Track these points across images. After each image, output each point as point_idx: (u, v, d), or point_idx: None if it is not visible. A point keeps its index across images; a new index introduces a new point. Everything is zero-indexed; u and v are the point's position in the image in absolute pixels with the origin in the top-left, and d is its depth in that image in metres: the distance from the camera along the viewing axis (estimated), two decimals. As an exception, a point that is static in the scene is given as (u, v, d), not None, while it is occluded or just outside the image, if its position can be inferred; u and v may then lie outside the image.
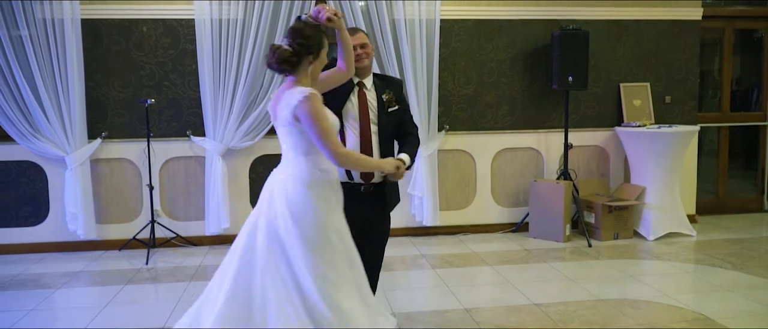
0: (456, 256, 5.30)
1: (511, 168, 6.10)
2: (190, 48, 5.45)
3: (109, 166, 5.53)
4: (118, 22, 5.39)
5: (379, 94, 3.26)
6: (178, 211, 5.67)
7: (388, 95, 3.26)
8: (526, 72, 5.99)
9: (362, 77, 3.25)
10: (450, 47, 5.83)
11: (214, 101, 5.38)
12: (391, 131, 3.29)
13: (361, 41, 3.20)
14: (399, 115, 3.30)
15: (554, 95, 6.00)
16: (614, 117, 6.17)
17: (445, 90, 5.85)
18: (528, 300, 4.18)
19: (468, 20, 5.83)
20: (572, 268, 4.93)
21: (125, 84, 5.46)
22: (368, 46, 3.24)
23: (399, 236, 5.87)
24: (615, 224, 5.71)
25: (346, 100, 3.19)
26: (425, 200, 5.73)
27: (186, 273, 4.87)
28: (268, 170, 2.91)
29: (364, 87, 3.25)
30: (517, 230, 6.04)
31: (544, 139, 6.08)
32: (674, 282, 4.57)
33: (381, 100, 3.24)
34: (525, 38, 5.94)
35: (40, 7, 5.13)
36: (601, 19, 6.01)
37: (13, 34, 5.12)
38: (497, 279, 4.68)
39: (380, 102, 3.24)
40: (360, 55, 3.17)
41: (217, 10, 5.33)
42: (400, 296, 4.33)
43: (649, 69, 6.19)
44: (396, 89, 3.33)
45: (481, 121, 5.97)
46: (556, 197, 5.64)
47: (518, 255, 5.30)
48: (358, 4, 5.49)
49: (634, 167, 5.94)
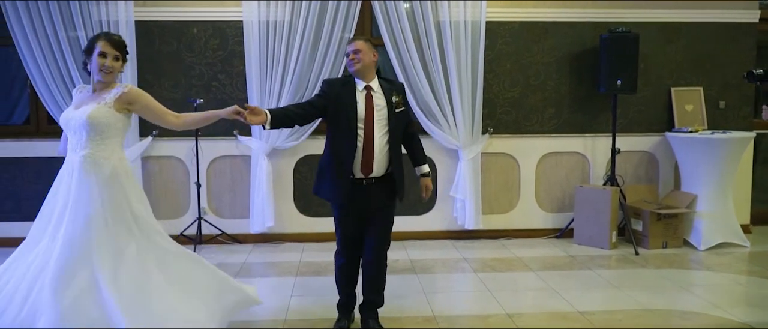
0: (498, 260, 5.25)
1: (556, 173, 6.01)
2: (238, 49, 5.56)
3: (159, 163, 5.68)
4: (170, 23, 5.53)
5: (387, 96, 3.48)
6: (223, 209, 5.78)
7: (396, 96, 3.50)
8: (572, 75, 5.90)
9: (366, 80, 3.48)
10: (495, 49, 5.78)
11: (261, 102, 5.46)
12: (399, 133, 3.55)
13: (355, 48, 3.47)
14: (405, 116, 3.59)
15: (601, 99, 5.89)
16: (664, 122, 6.02)
17: (490, 93, 5.80)
18: (572, 306, 4.11)
19: (514, 22, 5.78)
20: (618, 276, 4.82)
21: (175, 84, 5.60)
22: (362, 51, 3.46)
23: (440, 239, 5.87)
24: (664, 232, 5.56)
25: (354, 101, 3.42)
26: (468, 203, 5.70)
27: (231, 270, 4.95)
28: (313, 170, 2.98)
29: (371, 89, 3.47)
30: (561, 235, 5.95)
31: (590, 143, 5.97)
32: (725, 294, 4.42)
33: (390, 102, 3.46)
34: (572, 41, 5.85)
35: (96, 9, 5.31)
36: (651, 21, 5.88)
37: (70, 35, 5.32)
38: (540, 284, 4.62)
39: (389, 104, 3.46)
40: (353, 60, 3.45)
41: (264, 12, 5.42)
42: (441, 299, 4.32)
43: (702, 73, 6.01)
44: (401, 92, 3.57)
45: (525, 124, 5.90)
46: (603, 203, 5.53)
47: (562, 261, 5.22)
48: (402, 6, 5.50)
49: (685, 174, 5.78)
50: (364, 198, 3.47)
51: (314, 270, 4.95)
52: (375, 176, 3.46)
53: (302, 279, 4.73)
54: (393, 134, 3.48)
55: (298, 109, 3.50)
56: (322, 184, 3.54)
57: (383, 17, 5.49)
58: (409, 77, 5.55)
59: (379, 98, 3.46)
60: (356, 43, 3.49)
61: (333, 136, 3.49)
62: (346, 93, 3.45)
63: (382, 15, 5.49)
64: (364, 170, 3.43)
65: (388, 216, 3.59)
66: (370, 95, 3.45)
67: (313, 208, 5.77)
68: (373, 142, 3.41)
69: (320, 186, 3.56)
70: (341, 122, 3.43)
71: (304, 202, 5.79)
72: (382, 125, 3.44)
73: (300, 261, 5.19)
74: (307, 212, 5.80)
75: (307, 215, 5.80)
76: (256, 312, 3.93)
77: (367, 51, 3.47)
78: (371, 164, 3.42)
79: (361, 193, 3.46)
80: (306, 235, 5.74)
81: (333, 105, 3.45)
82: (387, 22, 5.50)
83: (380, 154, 3.44)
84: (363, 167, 3.43)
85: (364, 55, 3.45)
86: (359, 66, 3.45)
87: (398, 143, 3.54)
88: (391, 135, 3.47)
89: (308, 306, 4.09)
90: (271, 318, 3.92)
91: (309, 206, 5.78)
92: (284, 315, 3.95)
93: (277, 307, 4.10)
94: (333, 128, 3.49)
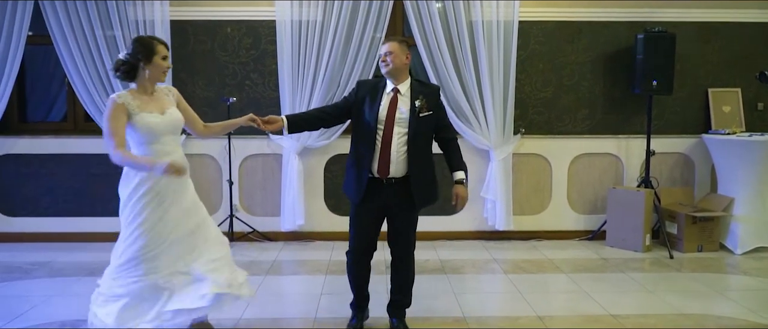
0: (529, 262, 5.20)
1: (589, 174, 5.94)
2: (270, 49, 5.60)
3: (192, 161, 5.66)
4: (204, 23, 5.60)
5: (413, 99, 3.43)
6: (255, 207, 5.84)
7: (421, 100, 3.42)
8: (607, 75, 5.83)
9: (397, 82, 3.45)
10: (528, 49, 5.74)
11: (293, 101, 5.50)
12: (424, 137, 3.47)
13: (388, 50, 3.43)
14: (432, 121, 3.47)
15: (636, 100, 5.80)
16: (701, 124, 5.90)
17: (522, 93, 5.76)
18: (604, 310, 4.06)
19: (548, 22, 5.72)
20: (652, 280, 4.75)
21: (209, 83, 5.67)
22: (393, 53, 3.41)
23: (471, 240, 5.84)
24: (699, 235, 5.46)
25: (378, 102, 3.43)
26: (498, 204, 5.66)
27: (262, 267, 5.01)
28: (343, 169, 2.99)
29: (399, 92, 3.46)
30: (593, 237, 5.88)
31: (624, 145, 5.89)
32: (762, 300, 4.31)
33: (413, 105, 3.41)
34: (607, 40, 5.78)
35: (132, 8, 5.41)
36: (688, 21, 5.77)
37: (107, 34, 5.42)
38: (572, 287, 4.57)
39: (412, 107, 3.41)
40: (384, 62, 3.43)
41: (297, 12, 5.46)
42: (471, 299, 4.30)
43: (740, 74, 5.88)
44: (432, 96, 3.49)
45: (558, 125, 5.84)
46: (637, 206, 5.45)
47: (594, 264, 5.15)
48: (435, 6, 5.49)
49: (722, 177, 5.66)
50: (381, 198, 3.45)
51: (344, 269, 4.91)
52: (394, 177, 3.44)
53: (332, 277, 4.75)
54: (414, 138, 3.41)
55: (319, 112, 3.63)
56: (346, 181, 3.58)
57: (415, 17, 5.49)
58: (440, 77, 5.53)
59: (404, 101, 3.45)
60: (390, 44, 3.47)
61: (355, 135, 3.53)
62: (373, 94, 3.47)
63: (414, 15, 5.48)
64: (382, 170, 3.42)
65: (410, 217, 3.54)
66: (395, 97, 3.45)
67: (344, 207, 5.78)
68: (391, 144, 3.40)
69: (345, 183, 3.61)
70: (363, 122, 3.46)
71: (335, 201, 5.82)
72: (402, 126, 3.41)
73: (330, 260, 5.21)
74: (337, 210, 5.83)
75: (337, 214, 5.82)
76: (285, 310, 3.96)
77: (400, 53, 3.44)
78: (388, 165, 3.41)
79: (379, 192, 3.44)
80: (336, 234, 5.76)
81: (359, 105, 3.48)
82: (419, 22, 5.50)
83: (398, 156, 3.41)
84: (380, 168, 3.42)
85: (395, 57, 3.43)
86: (390, 68, 3.43)
87: (421, 147, 3.46)
88: (412, 139, 3.41)
89: (338, 304, 4.10)
90: (301, 316, 3.95)
91: (339, 205, 5.80)
92: (314, 313, 3.97)
93: (307, 305, 4.12)
94: (355, 126, 3.53)
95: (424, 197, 3.51)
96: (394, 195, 3.46)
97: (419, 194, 3.47)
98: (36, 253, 5.33)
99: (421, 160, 3.46)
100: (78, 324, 3.75)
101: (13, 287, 4.50)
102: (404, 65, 3.47)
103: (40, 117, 6.10)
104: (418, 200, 3.48)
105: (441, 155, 3.59)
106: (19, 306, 4.06)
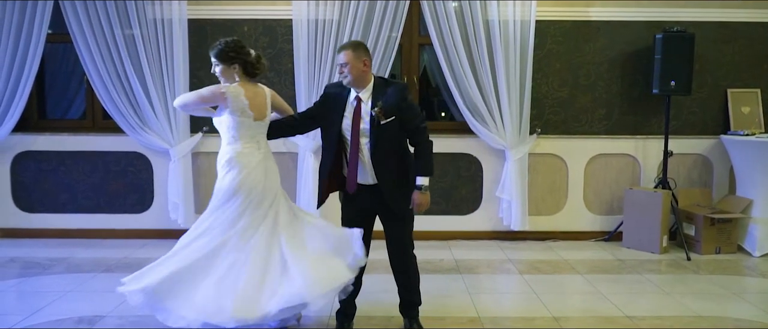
0: (545, 262, 5.18)
1: (606, 175, 5.90)
2: (287, 47, 5.62)
3: (208, 159, 5.78)
4: (222, 22, 5.63)
5: (373, 107, 3.33)
6: (270, 205, 5.84)
7: (378, 107, 3.29)
8: (624, 75, 5.78)
9: (359, 90, 3.39)
10: (545, 49, 5.71)
11: (309, 99, 5.51)
12: (389, 143, 3.35)
13: (343, 61, 3.33)
14: (395, 126, 3.32)
15: (654, 100, 5.76)
16: (719, 124, 5.84)
17: (538, 93, 5.73)
18: (620, 311, 4.03)
19: (565, 21, 5.69)
20: (669, 281, 4.71)
21: (225, 81, 5.69)
22: (349, 64, 3.31)
23: (486, 240, 5.82)
24: (717, 237, 5.41)
25: (342, 114, 3.38)
26: (514, 204, 5.64)
27: (277, 265, 5.01)
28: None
29: (361, 101, 3.38)
30: (609, 239, 5.84)
31: (641, 145, 5.84)
32: (782, 303, 4.28)
33: (371, 114, 3.32)
34: (625, 40, 5.73)
35: (151, 8, 5.45)
36: (708, 21, 5.71)
37: (126, 32, 5.47)
38: (588, 288, 4.54)
39: (371, 116, 3.32)
40: (342, 73, 3.35)
41: (313, 11, 5.47)
42: (485, 299, 4.29)
43: (761, 74, 5.82)
44: (392, 98, 3.31)
45: (574, 125, 5.81)
46: (654, 207, 5.40)
47: (611, 265, 5.12)
48: (451, 5, 5.48)
49: (741, 178, 5.60)
50: (357, 202, 3.46)
51: (359, 268, 4.96)
52: (365, 184, 3.42)
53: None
54: (376, 147, 3.33)
55: (290, 119, 3.69)
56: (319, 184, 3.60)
57: (431, 16, 5.48)
58: (456, 76, 5.52)
59: (366, 110, 3.35)
60: (343, 54, 3.33)
61: (324, 143, 3.53)
62: (338, 101, 3.41)
63: (431, 14, 5.48)
64: (350, 183, 3.42)
65: (396, 222, 3.49)
66: (359, 106, 3.37)
67: (358, 206, 5.79)
68: (358, 153, 3.37)
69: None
70: (329, 131, 3.44)
71: (350, 199, 5.82)
72: (366, 135, 3.35)
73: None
74: (352, 209, 5.83)
75: (352, 213, 5.82)
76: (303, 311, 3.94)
77: (355, 62, 3.31)
78: (355, 178, 3.40)
79: (353, 197, 3.46)
80: (351, 232, 5.76)
81: (325, 115, 3.47)
82: (435, 21, 5.49)
83: (363, 166, 3.40)
84: (349, 180, 3.41)
85: (352, 68, 3.31)
86: (348, 80, 3.35)
87: (388, 154, 3.36)
88: (376, 147, 3.33)
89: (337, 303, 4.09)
90: (318, 316, 3.93)
91: (354, 204, 5.80)
92: (330, 311, 3.98)
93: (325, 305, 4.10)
94: (323, 134, 3.52)
95: (399, 203, 3.42)
96: (370, 201, 3.45)
97: (393, 200, 3.41)
98: (54, 249, 5.39)
99: (390, 167, 3.38)
100: (95, 319, 3.79)
101: (31, 282, 4.55)
102: (362, 73, 3.34)
103: (59, 115, 6.17)
104: (394, 206, 3.42)
105: None
106: (37, 302, 4.11)
